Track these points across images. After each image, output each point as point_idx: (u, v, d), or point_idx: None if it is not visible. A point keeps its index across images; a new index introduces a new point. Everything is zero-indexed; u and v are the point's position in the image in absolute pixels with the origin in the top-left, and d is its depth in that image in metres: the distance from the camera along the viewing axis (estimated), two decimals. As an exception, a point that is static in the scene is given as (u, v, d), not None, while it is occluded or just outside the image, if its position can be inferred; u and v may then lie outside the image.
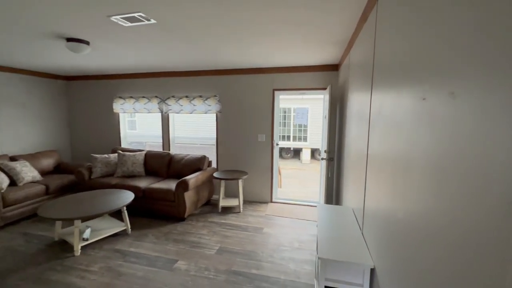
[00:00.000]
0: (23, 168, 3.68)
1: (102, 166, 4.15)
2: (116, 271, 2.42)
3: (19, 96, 4.38)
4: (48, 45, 2.79)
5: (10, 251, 2.74)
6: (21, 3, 1.74)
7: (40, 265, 2.49)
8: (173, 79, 4.53)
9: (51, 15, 1.95)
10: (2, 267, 2.46)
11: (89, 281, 2.26)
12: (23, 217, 3.49)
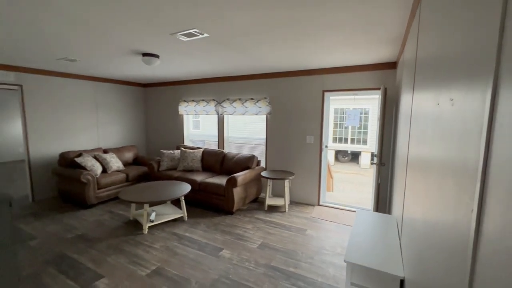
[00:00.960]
0: (111, 159, 4.58)
1: (168, 161, 4.80)
2: (173, 250, 2.81)
3: (110, 101, 5.45)
4: (129, 59, 3.42)
5: (100, 224, 3.47)
6: (111, 30, 2.24)
7: (118, 237, 3.10)
8: (228, 83, 4.90)
9: (132, 36, 2.42)
10: (94, 235, 3.15)
11: (152, 256, 2.71)
12: (110, 198, 4.34)
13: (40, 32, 2.36)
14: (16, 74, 4.01)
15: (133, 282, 2.28)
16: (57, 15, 1.93)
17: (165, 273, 2.41)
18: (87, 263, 2.56)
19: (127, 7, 1.77)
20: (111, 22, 2.07)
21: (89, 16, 1.95)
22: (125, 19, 2.00)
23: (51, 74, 4.41)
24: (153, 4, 1.73)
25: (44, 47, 2.88)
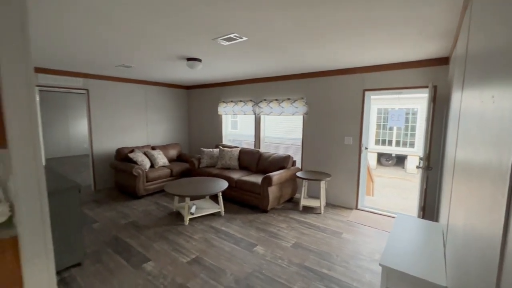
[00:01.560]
0: (158, 155, 5.03)
1: (208, 158, 5.09)
2: (210, 242, 3.00)
3: (158, 102, 5.97)
4: (175, 64, 3.73)
5: (148, 213, 3.85)
6: (162, 40, 2.49)
7: (162, 226, 3.40)
8: (265, 84, 5.00)
9: (178, 44, 2.66)
10: (143, 223, 3.51)
11: (191, 245, 2.92)
12: (156, 191, 4.78)
13: (104, 45, 2.73)
14: (84, 80, 4.66)
15: (175, 268, 2.50)
16: (118, 30, 2.22)
17: (203, 262, 2.59)
18: (137, 247, 2.88)
19: (174, 19, 1.97)
20: (162, 33, 2.31)
21: (144, 29, 2.21)
22: (173, 30, 2.21)
23: (111, 79, 5.02)
24: (196, 13, 1.89)
25: (107, 57, 3.32)
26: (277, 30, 2.23)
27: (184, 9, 1.81)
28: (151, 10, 1.85)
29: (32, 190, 1.42)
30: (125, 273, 2.40)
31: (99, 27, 2.20)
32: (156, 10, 1.84)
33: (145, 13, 1.89)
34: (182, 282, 2.28)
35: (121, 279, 2.31)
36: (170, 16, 1.94)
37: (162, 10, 1.84)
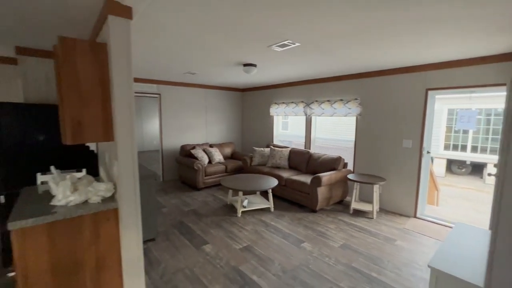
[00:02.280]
0: (215, 153, 5.53)
1: (259, 157, 5.37)
2: (260, 234, 3.23)
3: (216, 104, 6.54)
4: (232, 70, 4.10)
5: (206, 204, 4.32)
6: (222, 49, 2.83)
7: (218, 216, 3.78)
8: (317, 85, 5.02)
9: (236, 52, 2.96)
10: (202, 211, 3.96)
11: (243, 235, 3.20)
12: (213, 185, 5.27)
13: (176, 57, 3.22)
14: (157, 86, 5.46)
15: (229, 252, 2.80)
16: (189, 44, 2.63)
17: (253, 251, 2.83)
18: (197, 231, 3.30)
19: (234, 33, 2.24)
20: (223, 44, 2.63)
21: (209, 42, 2.56)
22: (232, 41, 2.51)
23: (178, 85, 5.74)
24: (254, 26, 2.12)
25: (177, 66, 3.87)
26: (332, 35, 2.32)
27: (243, 23, 2.07)
28: (217, 27, 2.16)
29: (129, 173, 1.84)
30: (188, 251, 2.81)
31: (175, 45, 2.64)
32: (220, 26, 2.14)
33: (211, 29, 2.22)
34: (235, 264, 2.56)
35: (185, 255, 2.71)
36: (231, 30, 2.22)
37: (225, 27, 2.13)
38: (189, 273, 2.42)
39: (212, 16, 1.94)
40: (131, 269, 1.92)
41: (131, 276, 1.92)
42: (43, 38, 2.57)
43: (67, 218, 1.71)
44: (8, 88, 3.44)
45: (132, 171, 1.85)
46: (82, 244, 1.80)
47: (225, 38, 2.45)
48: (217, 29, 2.23)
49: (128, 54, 1.76)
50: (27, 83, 3.02)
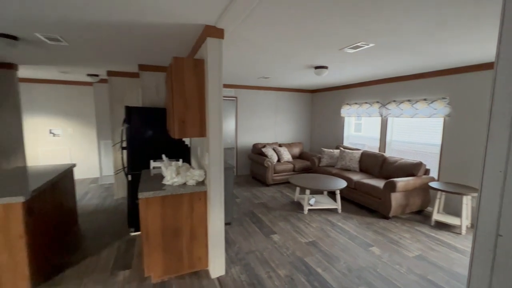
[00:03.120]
0: (284, 152, 5.80)
1: (328, 158, 5.35)
2: (326, 232, 3.30)
3: (286, 106, 6.80)
4: (303, 72, 4.26)
5: (274, 199, 4.62)
6: (295, 55, 3.05)
7: (286, 211, 4.02)
8: (394, 84, 4.65)
9: (309, 57, 3.13)
10: (270, 205, 4.28)
11: (309, 231, 3.34)
12: (281, 182, 5.55)
13: (254, 64, 3.61)
14: (235, 90, 6.11)
15: (295, 244, 2.99)
16: (267, 53, 2.95)
17: (318, 246, 2.94)
18: (267, 222, 3.62)
19: (309, 38, 2.42)
20: (298, 50, 2.84)
21: (284, 49, 2.82)
22: (308, 46, 2.69)
23: (252, 88, 6.27)
24: (329, 31, 2.26)
25: (253, 72, 4.30)
26: (411, 33, 2.23)
27: (319, 31, 2.23)
28: (295, 37, 2.39)
29: (216, 163, 2.26)
30: (258, 237, 3.14)
31: (254, 54, 3.01)
32: (299, 36, 2.36)
33: (289, 39, 2.46)
34: (300, 256, 2.74)
35: (256, 241, 3.05)
36: (307, 38, 2.41)
37: (303, 36, 2.34)
38: (259, 255, 2.74)
39: (291, 28, 2.18)
40: (215, 241, 2.35)
41: (214, 247, 2.35)
42: (155, 57, 3.35)
43: (172, 194, 2.25)
44: (133, 95, 4.55)
45: (219, 161, 2.27)
46: (182, 216, 2.32)
47: (301, 45, 2.66)
48: (295, 39, 2.45)
49: (220, 67, 2.18)
50: (144, 91, 3.96)
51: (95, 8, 1.81)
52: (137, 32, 2.32)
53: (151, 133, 3.24)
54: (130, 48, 2.87)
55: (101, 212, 3.91)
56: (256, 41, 2.54)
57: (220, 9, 1.80)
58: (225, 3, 1.71)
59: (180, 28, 2.22)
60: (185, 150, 3.44)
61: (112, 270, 2.45)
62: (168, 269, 2.32)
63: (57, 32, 2.35)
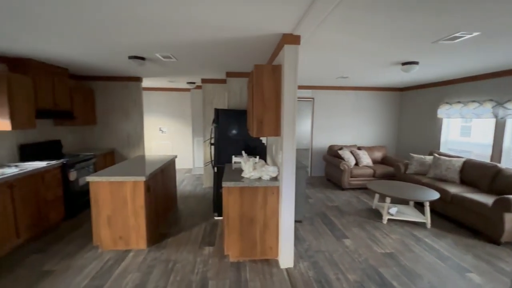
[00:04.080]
0: (363, 156, 5.43)
1: (417, 165, 4.70)
2: (408, 247, 2.96)
3: (367, 106, 6.31)
4: (389, 69, 3.90)
5: (349, 203, 4.42)
6: (380, 54, 2.87)
7: (361, 217, 3.80)
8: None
9: (395, 52, 2.89)
10: (344, 209, 4.12)
11: (387, 241, 3.07)
12: (357, 187, 5.22)
13: (333, 65, 3.58)
14: (312, 91, 6.11)
15: (369, 252, 2.83)
16: (344, 52, 2.90)
17: (397, 259, 2.69)
18: (339, 225, 3.53)
19: (396, 34, 2.27)
20: (380, 47, 2.68)
21: (364, 48, 2.71)
22: (393, 42, 2.51)
23: (329, 88, 6.12)
24: (419, 25, 2.06)
25: (330, 72, 4.23)
26: (530, 14, 1.80)
27: (406, 25, 2.07)
28: (378, 34, 2.29)
29: (289, 161, 2.41)
30: (329, 239, 3.12)
31: (334, 55, 3.01)
32: (382, 33, 2.26)
33: (371, 37, 2.38)
34: (374, 265, 2.58)
35: (326, 242, 3.05)
36: (392, 35, 2.27)
37: (387, 33, 2.22)
38: (328, 256, 2.73)
39: (373, 25, 2.11)
40: (285, 234, 2.51)
41: (285, 240, 2.51)
42: (240, 65, 3.77)
43: (249, 186, 2.53)
44: (220, 99, 5.24)
45: (291, 159, 2.41)
46: (256, 206, 2.58)
47: (386, 41, 2.51)
48: (378, 36, 2.35)
49: (295, 71, 2.32)
50: (230, 95, 4.50)
51: (196, 32, 2.26)
52: (226, 46, 2.71)
53: (234, 131, 3.67)
54: (220, 59, 3.36)
55: (192, 197, 4.68)
56: (335, 41, 2.55)
57: (296, 18, 1.93)
58: (301, 12, 1.83)
59: (261, 39, 2.47)
60: (262, 148, 3.74)
61: (200, 244, 2.95)
62: (243, 252, 2.62)
63: (169, 52, 3.01)
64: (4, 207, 2.62)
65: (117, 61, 3.53)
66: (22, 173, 2.84)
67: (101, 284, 2.23)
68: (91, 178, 2.69)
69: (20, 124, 3.15)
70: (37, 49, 2.88)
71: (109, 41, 2.58)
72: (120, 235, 2.79)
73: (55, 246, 2.89)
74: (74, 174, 3.68)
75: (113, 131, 5.08)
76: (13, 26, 2.13)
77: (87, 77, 4.87)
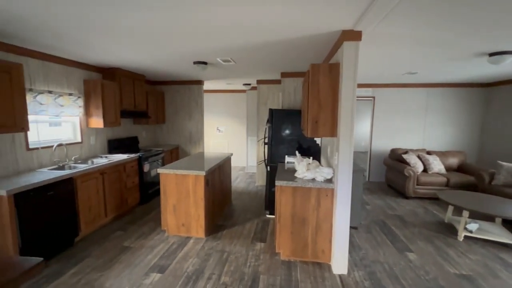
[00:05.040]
0: (434, 161, 4.78)
1: (507, 175, 3.91)
2: (492, 270, 2.50)
3: (441, 105, 5.51)
4: (470, 62, 3.34)
5: (414, 213, 3.95)
6: (458, 44, 2.50)
7: (429, 230, 3.36)
8: None
9: (480, 39, 2.47)
10: (408, 220, 3.70)
11: (464, 262, 2.65)
12: (425, 196, 4.61)
13: (398, 57, 3.26)
14: (372, 89, 5.66)
15: (440, 271, 2.49)
16: (413, 45, 2.62)
17: (476, 284, 2.29)
18: (401, 236, 3.20)
19: (477, 18, 1.95)
20: (459, 35, 2.33)
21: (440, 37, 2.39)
22: (476, 30, 2.16)
23: (393, 86, 5.57)
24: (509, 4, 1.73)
25: (395, 68, 3.86)
26: None
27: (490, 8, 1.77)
28: (455, 22, 2.02)
29: (346, 163, 2.31)
30: (389, 250, 2.86)
31: (401, 49, 2.75)
32: (463, 19, 1.97)
33: (446, 26, 2.10)
34: (445, 286, 2.26)
35: (386, 253, 2.80)
36: (474, 18, 1.96)
37: (468, 18, 1.93)
38: (388, 268, 2.51)
39: (449, 14, 1.87)
40: (339, 239, 2.41)
41: (339, 245, 2.41)
42: (295, 65, 3.76)
43: (302, 186, 2.51)
44: (274, 99, 5.31)
45: (348, 162, 2.30)
46: (309, 208, 2.55)
47: (467, 28, 2.17)
48: (456, 25, 2.07)
49: (355, 68, 2.21)
50: (284, 95, 4.53)
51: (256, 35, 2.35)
52: (282, 47, 2.75)
53: (288, 131, 3.69)
54: (275, 60, 3.42)
55: (245, 194, 4.87)
56: (402, 34, 2.33)
57: (358, 13, 1.84)
58: (364, 6, 1.73)
59: (318, 38, 2.42)
60: (316, 148, 3.65)
61: (252, 240, 3.07)
62: (295, 252, 2.62)
63: (229, 56, 3.21)
64: (97, 190, 3.20)
65: (183, 66, 3.93)
66: (110, 163, 3.42)
67: (167, 264, 2.53)
68: (161, 170, 3.07)
69: (110, 122, 3.80)
70: (122, 59, 3.42)
71: (178, 49, 2.90)
72: (182, 223, 3.11)
73: (132, 226, 3.39)
74: (147, 166, 4.25)
75: (178, 129, 5.66)
76: (107, 40, 2.59)
77: (158, 82, 5.54)
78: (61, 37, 2.46)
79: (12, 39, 2.49)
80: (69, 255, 2.69)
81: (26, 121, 2.54)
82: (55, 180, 2.61)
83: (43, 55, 3.01)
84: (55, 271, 2.41)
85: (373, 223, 3.58)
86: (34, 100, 2.91)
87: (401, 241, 3.06)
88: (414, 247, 2.94)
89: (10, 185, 2.29)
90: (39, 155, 3.05)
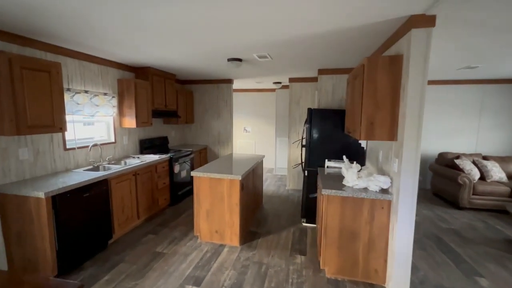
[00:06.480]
0: (493, 168, 4.19)
1: None
2: None
3: (499, 104, 4.85)
4: (556, 52, 2.81)
5: (472, 228, 3.46)
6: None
7: (496, 249, 2.88)
8: None
9: None
10: (467, 235, 3.23)
11: (551, 293, 2.20)
12: (484, 208, 4.05)
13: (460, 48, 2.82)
14: (417, 87, 5.13)
15: (523, 304, 2.07)
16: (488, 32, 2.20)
17: None
18: (464, 256, 2.76)
19: None
20: (555, 19, 1.90)
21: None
22: None
23: (441, 83, 5.00)
24: None
25: (453, 61, 3.38)
26: None
27: None
28: (555, 0, 1.61)
29: (409, 171, 1.97)
30: (453, 273, 2.46)
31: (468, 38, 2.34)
32: None
33: None
34: (536, 325, 1.85)
35: (450, 276, 2.41)
36: None
37: None
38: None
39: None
40: (400, 259, 2.07)
41: (398, 266, 2.08)
42: (334, 61, 3.43)
43: (353, 196, 2.21)
44: (307, 98, 5.00)
45: (413, 170, 1.96)
46: (360, 221, 2.24)
47: None
48: (552, 4, 1.66)
49: (426, 61, 1.87)
50: (320, 93, 4.21)
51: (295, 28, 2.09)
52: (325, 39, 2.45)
53: (328, 133, 3.37)
54: (314, 54, 3.12)
55: (276, 198, 4.62)
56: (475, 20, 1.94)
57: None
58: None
59: (371, 27, 2.10)
60: (360, 152, 3.30)
61: (290, 251, 2.81)
62: (342, 270, 2.33)
63: (265, 51, 2.97)
64: (130, 191, 3.13)
65: (216, 64, 3.76)
66: (143, 164, 3.34)
67: (203, 275, 2.36)
68: (195, 173, 2.91)
69: (142, 122, 3.74)
70: (154, 57, 3.32)
71: (213, 45, 2.72)
72: (216, 229, 2.93)
73: (164, 229, 3.29)
74: (177, 167, 4.15)
75: (206, 129, 5.55)
76: (139, 38, 2.46)
77: (188, 81, 5.46)
78: (100, 36, 2.38)
79: (50, 38, 2.45)
80: (103, 258, 2.62)
81: (64, 121, 2.50)
82: (91, 182, 2.54)
83: (80, 54, 2.99)
84: (90, 275, 2.34)
85: (425, 238, 3.16)
86: (71, 100, 2.89)
87: (465, 262, 2.64)
88: (483, 271, 2.50)
89: (49, 186, 2.24)
90: (75, 155, 3.03)
